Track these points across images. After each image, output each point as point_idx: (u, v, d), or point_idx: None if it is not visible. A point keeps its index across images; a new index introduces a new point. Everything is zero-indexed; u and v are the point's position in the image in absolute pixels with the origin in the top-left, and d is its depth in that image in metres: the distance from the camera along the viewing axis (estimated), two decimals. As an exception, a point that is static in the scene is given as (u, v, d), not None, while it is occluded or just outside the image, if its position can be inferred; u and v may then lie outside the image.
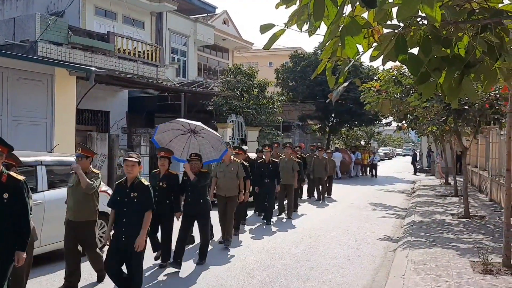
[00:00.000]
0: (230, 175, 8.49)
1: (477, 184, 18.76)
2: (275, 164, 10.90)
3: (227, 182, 8.48)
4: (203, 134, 7.67)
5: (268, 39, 2.53)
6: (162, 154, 7.05)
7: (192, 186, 7.01)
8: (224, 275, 6.62)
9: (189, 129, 7.65)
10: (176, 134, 7.67)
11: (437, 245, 8.22)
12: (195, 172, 6.99)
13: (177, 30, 24.73)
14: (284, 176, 11.34)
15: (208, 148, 7.82)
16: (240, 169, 8.54)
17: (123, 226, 5.30)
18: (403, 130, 15.58)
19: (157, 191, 6.68)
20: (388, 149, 66.80)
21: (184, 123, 7.56)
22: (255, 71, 22.06)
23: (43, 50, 13.63)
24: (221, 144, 7.76)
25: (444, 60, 2.57)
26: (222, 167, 8.57)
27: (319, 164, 15.30)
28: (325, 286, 6.22)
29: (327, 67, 3.07)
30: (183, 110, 18.31)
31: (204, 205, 7.09)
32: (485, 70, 2.61)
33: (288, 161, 11.80)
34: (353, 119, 28.93)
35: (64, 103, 10.91)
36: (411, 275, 6.33)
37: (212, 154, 7.89)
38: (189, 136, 7.75)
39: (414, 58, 2.41)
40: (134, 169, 5.37)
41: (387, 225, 11.13)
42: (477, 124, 11.32)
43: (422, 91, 2.52)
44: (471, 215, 11.34)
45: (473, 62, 2.58)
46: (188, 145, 7.79)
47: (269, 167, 10.77)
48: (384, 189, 20.17)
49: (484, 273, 6.38)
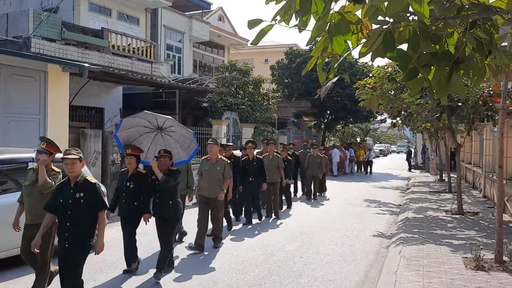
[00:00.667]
0: (215, 175, 7.85)
1: (471, 180, 18.83)
2: (260, 162, 10.42)
3: (212, 182, 7.84)
4: (171, 133, 6.94)
5: (256, 34, 2.51)
6: (129, 151, 6.52)
7: (160, 187, 6.39)
8: (217, 272, 6.61)
9: (156, 126, 6.90)
10: (141, 131, 6.93)
11: (430, 241, 8.25)
12: (164, 170, 6.37)
13: (172, 27, 24.64)
14: (269, 174, 10.85)
15: (176, 148, 7.03)
16: (227, 168, 7.94)
17: (67, 231, 4.76)
18: (398, 127, 15.61)
19: (124, 192, 6.43)
20: (383, 146, 66.94)
21: (151, 118, 6.75)
22: (250, 67, 22.02)
23: (36, 46, 13.52)
24: (192, 142, 6.98)
25: (433, 56, 2.56)
26: (208, 165, 7.94)
27: (313, 162, 14.89)
28: (317, 283, 6.23)
29: (317, 63, 3.06)
30: (177, 106, 18.26)
31: (173, 207, 6.47)
32: (474, 67, 2.61)
33: (272, 158, 11.33)
34: (348, 116, 28.98)
35: (57, 100, 10.85)
36: (404, 272, 6.34)
37: (181, 155, 7.08)
38: (156, 135, 7.01)
39: (402, 54, 2.41)
40: (75, 167, 4.83)
41: (381, 221, 11.15)
42: (471, 121, 11.35)
43: (411, 87, 2.51)
44: (464, 212, 11.38)
45: (462, 58, 2.57)
46: (155, 145, 7.05)
47: (253, 164, 10.29)
48: (378, 186, 20.22)
49: (476, 269, 6.41)
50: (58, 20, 14.66)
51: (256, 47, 36.90)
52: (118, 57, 16.42)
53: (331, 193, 16.64)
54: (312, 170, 14.79)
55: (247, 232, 9.53)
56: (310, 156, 14.99)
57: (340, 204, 14.01)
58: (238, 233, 9.39)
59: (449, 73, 2.59)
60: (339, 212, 12.50)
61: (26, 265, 5.78)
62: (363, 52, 2.58)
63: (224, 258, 7.42)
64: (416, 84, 2.50)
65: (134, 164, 6.52)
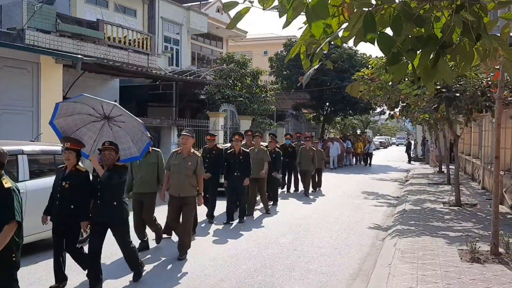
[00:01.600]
0: (185, 171, 6.82)
1: (470, 172, 18.73)
2: (246, 156, 9.69)
3: (181, 179, 6.81)
4: (121, 123, 5.83)
5: (232, 17, 2.40)
6: (68, 145, 5.45)
7: (102, 185, 5.41)
8: (209, 265, 6.53)
9: (103, 114, 5.75)
10: (86, 120, 5.79)
11: (426, 233, 8.16)
12: (109, 165, 5.40)
13: (169, 19, 24.42)
14: (255, 168, 10.14)
15: (126, 142, 5.95)
16: (199, 164, 6.90)
17: None
18: (396, 118, 15.48)
19: (59, 193, 5.44)
20: (384, 138, 66.82)
21: (95, 103, 5.58)
22: (248, 59, 21.86)
23: (30, 38, 13.39)
24: (143, 135, 5.88)
25: (418, 40, 2.44)
26: (178, 159, 6.91)
27: (305, 156, 13.90)
28: (310, 275, 6.14)
29: (301, 50, 2.94)
30: (174, 99, 18.13)
31: (118, 210, 5.48)
32: (461, 51, 2.49)
33: (258, 151, 10.57)
34: (347, 108, 28.86)
35: (50, 92, 10.73)
36: (398, 264, 6.26)
37: (132, 150, 5.98)
38: (102, 124, 5.88)
39: (384, 37, 2.29)
40: None
41: (377, 213, 11.07)
42: (469, 111, 11.22)
43: (394, 73, 2.40)
44: (462, 203, 11.30)
45: (449, 42, 2.45)
46: (102, 137, 5.90)
47: (239, 158, 9.56)
48: (377, 178, 20.12)
49: (472, 261, 6.32)
50: (53, 12, 14.51)
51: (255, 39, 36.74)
52: (114, 49, 16.28)
53: (329, 185, 16.53)
54: (304, 164, 13.89)
55: (241, 225, 9.44)
56: (302, 149, 14.10)
57: (337, 196, 13.92)
58: (232, 226, 9.30)
59: (435, 58, 2.47)
60: (336, 204, 12.41)
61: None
62: (345, 36, 2.46)
63: (216, 251, 7.34)
64: (400, 69, 2.39)
65: (73, 160, 5.46)
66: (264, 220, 10.01)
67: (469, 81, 10.42)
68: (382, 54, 11.11)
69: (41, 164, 7.28)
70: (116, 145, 5.54)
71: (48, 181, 7.06)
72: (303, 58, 2.89)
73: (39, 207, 6.69)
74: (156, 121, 13.94)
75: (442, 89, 10.38)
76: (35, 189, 6.81)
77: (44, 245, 6.88)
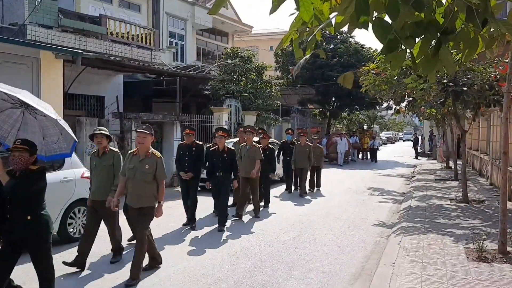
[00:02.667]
0: (142, 176, 5.62)
1: (478, 168, 18.42)
2: (232, 154, 8.70)
3: (139, 186, 5.62)
4: (41, 114, 4.76)
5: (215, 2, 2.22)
6: None
7: (10, 196, 4.35)
8: (208, 263, 6.38)
9: (18, 101, 4.73)
10: (2, 107, 4.85)
11: (432, 231, 7.95)
12: (20, 169, 4.37)
13: (174, 14, 24.26)
14: (245, 167, 9.47)
15: (55, 134, 4.89)
16: (160, 167, 5.69)
17: None
18: (402, 113, 15.19)
19: None
20: (391, 133, 66.30)
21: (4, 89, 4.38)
22: (252, 54, 21.61)
23: (32, 34, 13.27)
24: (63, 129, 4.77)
25: (418, 26, 2.24)
26: (134, 161, 5.70)
27: (300, 152, 12.79)
28: (311, 275, 5.97)
29: (293, 38, 2.75)
30: (178, 94, 17.98)
31: (33, 225, 4.40)
32: (465, 38, 2.29)
33: (250, 149, 9.66)
34: (353, 103, 28.57)
35: (50, 87, 10.60)
36: (402, 263, 6.07)
37: (62, 145, 4.94)
38: (22, 111, 4.89)
39: (380, 22, 2.10)
40: None
41: (383, 210, 10.85)
42: (477, 106, 10.95)
43: (391, 62, 2.20)
44: (469, 200, 11.06)
45: (452, 28, 2.25)
46: (25, 126, 4.93)
47: (223, 157, 8.56)
48: (383, 174, 19.86)
49: (479, 260, 6.11)
50: (55, 7, 14.37)
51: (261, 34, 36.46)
52: (117, 44, 16.14)
53: (333, 181, 16.33)
54: (298, 161, 12.80)
55: (243, 221, 9.28)
56: (297, 145, 12.99)
57: (342, 192, 13.71)
58: (233, 222, 9.12)
59: (436, 46, 2.27)
60: (341, 200, 12.20)
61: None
62: (338, 22, 2.27)
63: (215, 248, 7.18)
64: (397, 58, 2.19)
65: None
66: (265, 216, 9.84)
67: (476, 74, 10.16)
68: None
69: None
70: (32, 145, 4.47)
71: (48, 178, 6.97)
72: (295, 47, 2.70)
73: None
74: (159, 117, 13.80)
75: (449, 83, 10.14)
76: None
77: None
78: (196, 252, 6.96)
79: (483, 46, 2.33)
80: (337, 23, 2.29)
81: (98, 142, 6.29)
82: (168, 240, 7.67)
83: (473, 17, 2.21)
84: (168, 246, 7.26)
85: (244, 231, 8.42)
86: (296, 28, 2.69)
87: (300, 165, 12.81)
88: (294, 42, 2.76)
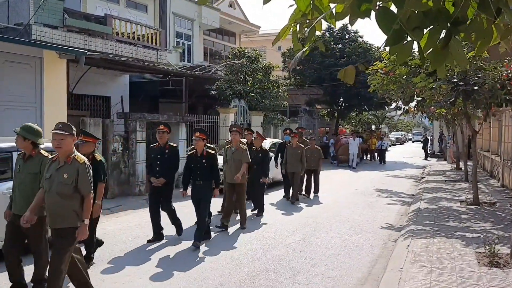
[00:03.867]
0: (60, 189, 4.46)
1: (489, 169, 18.09)
2: (212, 158, 7.51)
3: (55, 201, 4.48)
4: None
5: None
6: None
7: None
8: (209, 267, 6.20)
9: None
10: None
11: (442, 234, 7.72)
12: None
13: (181, 14, 24.20)
14: (230, 171, 8.58)
15: None
16: (82, 176, 4.49)
17: None
18: (411, 114, 14.93)
19: None
20: (400, 134, 65.73)
21: None
22: (259, 54, 21.44)
23: (37, 34, 13.19)
24: None
25: (426, 16, 2.05)
26: (51, 170, 4.55)
27: (292, 154, 11.59)
28: (316, 280, 5.77)
29: (292, 30, 2.57)
30: (184, 94, 17.86)
31: None
32: (477, 28, 2.10)
33: (236, 151, 8.65)
34: (362, 103, 28.30)
35: (54, 87, 10.51)
36: (410, 268, 5.85)
37: None
38: None
39: (384, 11, 1.91)
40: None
41: (391, 212, 10.62)
42: (488, 106, 10.69)
43: (396, 55, 2.02)
44: (480, 202, 10.79)
45: (463, 17, 2.06)
46: None
47: (202, 162, 7.43)
48: (392, 175, 19.58)
49: (490, 265, 5.88)
50: (60, 7, 14.29)
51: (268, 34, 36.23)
52: (123, 44, 16.03)
53: (341, 182, 16.10)
54: (290, 165, 11.62)
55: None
56: (288, 147, 11.76)
57: (349, 194, 13.47)
58: (236, 225, 8.88)
59: (446, 37, 2.08)
60: (348, 202, 11.97)
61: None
62: (339, 12, 2.09)
63: (218, 251, 7.00)
64: (403, 50, 2.00)
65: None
66: (271, 219, 9.65)
67: (488, 73, 9.91)
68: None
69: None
70: None
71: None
72: (294, 40, 2.53)
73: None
74: (163, 117, 13.66)
75: (459, 82, 9.89)
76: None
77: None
78: (198, 255, 6.78)
79: (498, 38, 2.14)
80: (337, 13, 2.11)
81: (20, 144, 5.19)
82: (170, 242, 7.51)
83: (486, 6, 2.01)
84: (169, 248, 7.11)
85: (248, 233, 8.24)
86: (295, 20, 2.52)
87: (292, 169, 11.61)
88: (293, 35, 2.59)
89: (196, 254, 6.86)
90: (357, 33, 28.38)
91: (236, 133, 8.76)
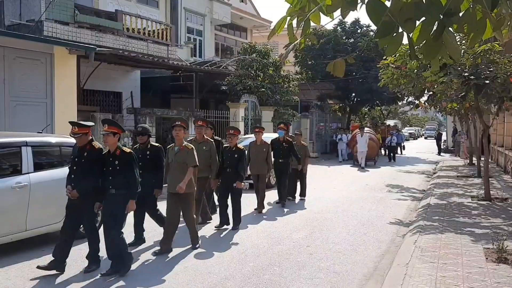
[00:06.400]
0: None
1: (502, 164, 17.83)
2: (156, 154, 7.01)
3: None
4: None
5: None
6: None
7: None
8: (215, 262, 6.23)
9: None
10: None
11: (450, 230, 7.64)
12: None
13: (192, 9, 24.22)
14: (174, 179, 6.63)
15: None
16: None
17: None
18: (423, 108, 14.76)
19: None
20: (413, 129, 65.04)
21: None
22: (270, 49, 21.39)
23: (48, 30, 13.36)
24: None
25: (418, 7, 2.02)
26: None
27: (256, 153, 9.71)
28: (321, 275, 5.76)
29: (288, 23, 2.56)
30: (194, 90, 17.91)
31: None
32: (471, 20, 2.06)
33: (179, 152, 6.69)
34: (374, 98, 28.06)
35: (64, 83, 10.63)
36: (417, 263, 5.81)
37: None
38: None
39: (373, 2, 1.89)
40: None
41: (400, 208, 10.54)
42: (500, 100, 10.52)
43: (386, 47, 1.99)
44: (492, 197, 10.64)
45: (455, 9, 2.02)
46: None
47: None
48: (403, 170, 19.39)
49: (498, 261, 5.80)
50: (71, 3, 14.44)
51: (280, 29, 36.11)
52: (133, 39, 16.15)
53: (351, 177, 15.98)
54: (254, 166, 9.74)
55: (253, 218, 9.08)
56: (251, 145, 9.93)
57: (359, 189, 13.39)
58: (244, 219, 8.86)
59: (438, 29, 2.05)
60: (358, 197, 11.90)
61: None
62: (329, 4, 2.07)
63: (224, 246, 7.02)
64: (393, 42, 1.98)
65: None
66: (279, 214, 9.64)
67: (500, 67, 9.74)
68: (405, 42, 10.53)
69: (46, 156, 7.11)
70: None
71: (53, 173, 6.92)
72: (289, 32, 2.51)
73: (43, 199, 6.58)
74: (173, 112, 13.73)
75: (470, 76, 9.74)
76: (39, 182, 6.63)
77: (46, 239, 6.73)
78: (204, 249, 6.80)
79: (491, 30, 2.10)
80: (328, 6, 2.09)
81: None
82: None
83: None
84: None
85: (255, 228, 8.24)
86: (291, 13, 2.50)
87: (256, 171, 9.75)
88: (288, 28, 2.58)
89: (203, 248, 6.88)
90: (369, 27, 28.12)
91: (181, 128, 6.74)
